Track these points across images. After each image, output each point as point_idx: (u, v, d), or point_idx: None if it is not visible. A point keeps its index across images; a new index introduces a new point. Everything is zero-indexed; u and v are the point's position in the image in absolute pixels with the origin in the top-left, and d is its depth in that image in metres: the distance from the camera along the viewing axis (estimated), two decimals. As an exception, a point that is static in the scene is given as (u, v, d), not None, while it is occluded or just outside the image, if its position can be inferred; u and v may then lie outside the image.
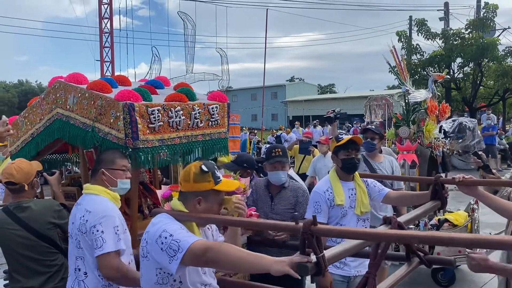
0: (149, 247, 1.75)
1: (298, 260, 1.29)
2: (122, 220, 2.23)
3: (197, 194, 1.86)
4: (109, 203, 2.22)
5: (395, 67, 6.03)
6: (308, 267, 1.24)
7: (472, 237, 1.20)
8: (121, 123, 2.27)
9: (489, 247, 1.16)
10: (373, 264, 1.48)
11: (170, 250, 1.65)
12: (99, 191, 2.24)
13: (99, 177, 2.28)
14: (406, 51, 16.11)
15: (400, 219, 1.63)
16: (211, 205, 1.88)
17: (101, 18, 22.73)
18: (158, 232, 1.72)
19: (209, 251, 1.58)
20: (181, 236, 1.67)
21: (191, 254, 1.61)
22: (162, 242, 1.68)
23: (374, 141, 4.08)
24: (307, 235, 1.28)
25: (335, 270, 2.87)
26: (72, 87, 2.60)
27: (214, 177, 1.86)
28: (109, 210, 2.18)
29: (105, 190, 2.25)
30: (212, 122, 2.75)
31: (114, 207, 2.24)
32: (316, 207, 2.86)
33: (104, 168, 2.26)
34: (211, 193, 1.87)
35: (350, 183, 2.93)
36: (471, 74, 16.13)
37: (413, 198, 2.77)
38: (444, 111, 5.79)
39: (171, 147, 2.47)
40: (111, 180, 2.28)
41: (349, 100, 41.79)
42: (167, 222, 1.79)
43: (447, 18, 20.03)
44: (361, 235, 1.26)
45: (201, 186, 1.85)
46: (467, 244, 1.16)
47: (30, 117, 3.02)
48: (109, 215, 2.14)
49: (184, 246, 1.62)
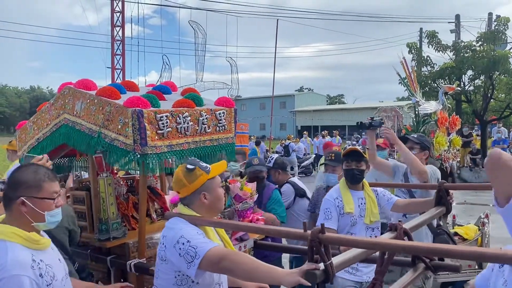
0: (167, 252, 1.82)
1: (307, 267, 1.32)
2: (47, 271, 1.58)
3: (199, 191, 1.94)
4: (18, 253, 1.52)
5: (405, 78, 6.01)
6: (317, 274, 1.26)
7: (475, 250, 1.18)
8: (129, 129, 2.28)
9: (494, 261, 1.14)
10: (380, 271, 1.48)
11: (187, 256, 1.72)
12: (6, 234, 1.55)
13: (15, 209, 1.59)
14: (416, 62, 16.06)
15: (406, 226, 1.64)
16: (214, 192, 1.97)
17: (113, 26, 23.09)
18: (176, 238, 1.79)
19: (224, 260, 1.63)
20: (198, 243, 1.73)
21: (207, 261, 1.68)
22: (180, 248, 1.75)
23: (413, 151, 3.79)
24: (315, 242, 1.29)
25: (348, 276, 2.93)
26: (81, 93, 2.63)
27: (203, 169, 1.95)
28: (15, 266, 1.48)
29: (15, 231, 1.56)
30: (219, 127, 2.76)
31: (26, 258, 1.53)
32: (327, 214, 2.91)
33: (25, 196, 1.59)
34: (208, 183, 1.95)
35: (359, 192, 2.98)
36: (482, 87, 15.99)
37: (421, 205, 2.78)
38: (454, 123, 5.74)
39: (179, 153, 2.48)
40: (35, 214, 1.61)
41: (358, 111, 41.71)
42: (183, 227, 1.84)
43: (458, 30, 19.97)
44: (367, 245, 1.26)
45: (198, 183, 1.93)
46: (469, 256, 1.15)
47: (38, 122, 3.05)
48: (10, 275, 1.46)
49: (201, 253, 1.69)
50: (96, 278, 2.97)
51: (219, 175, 2.05)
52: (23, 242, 1.56)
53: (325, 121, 41.23)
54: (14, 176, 1.64)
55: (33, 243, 1.59)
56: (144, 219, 2.58)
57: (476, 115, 16.53)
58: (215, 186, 1.98)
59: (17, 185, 1.61)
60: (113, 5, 22.84)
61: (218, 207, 2.01)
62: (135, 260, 2.54)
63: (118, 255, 2.75)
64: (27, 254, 1.55)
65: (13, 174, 1.65)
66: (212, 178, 1.97)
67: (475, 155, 15.36)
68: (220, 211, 2.00)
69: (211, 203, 1.96)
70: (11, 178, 1.64)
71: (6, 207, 1.62)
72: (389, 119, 10.00)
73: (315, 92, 59.52)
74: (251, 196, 2.88)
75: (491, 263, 1.35)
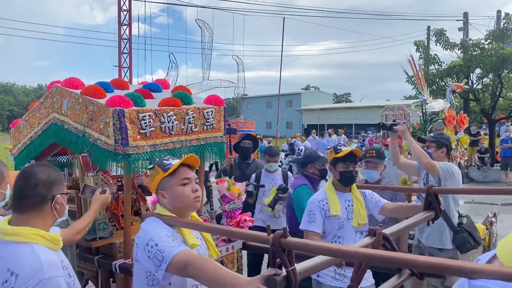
0: (138, 253, 1.79)
1: (267, 274, 1.24)
2: (71, 270, 1.63)
3: (158, 191, 1.89)
4: (48, 255, 1.53)
5: (412, 77, 5.91)
6: (277, 280, 1.17)
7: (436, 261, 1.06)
8: (110, 129, 2.24)
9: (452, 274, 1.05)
10: (355, 278, 1.40)
11: (155, 259, 1.68)
12: (30, 236, 1.53)
13: (48, 208, 1.62)
14: (424, 61, 15.88)
15: (387, 231, 1.55)
16: (171, 191, 1.87)
17: (120, 25, 23.16)
18: (145, 240, 1.75)
19: (189, 267, 1.59)
20: (166, 247, 1.69)
21: (173, 266, 1.64)
22: (149, 251, 1.71)
23: (429, 150, 3.89)
24: (276, 247, 1.21)
25: (335, 283, 2.82)
26: (67, 92, 2.60)
27: (161, 167, 1.88)
28: (50, 268, 1.49)
29: (40, 233, 1.56)
30: (207, 126, 2.71)
31: (56, 260, 1.56)
32: (311, 216, 2.81)
33: (60, 193, 1.66)
34: (164, 182, 1.87)
35: (346, 194, 2.87)
36: (490, 85, 15.77)
37: (410, 209, 2.60)
38: (462, 122, 5.63)
39: (163, 152, 2.43)
40: (62, 209, 1.69)
41: (365, 109, 41.46)
42: (154, 228, 1.79)
43: (466, 28, 19.69)
44: (334, 252, 1.17)
45: (155, 182, 1.88)
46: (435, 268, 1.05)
47: (30, 120, 3.05)
48: (49, 277, 1.47)
49: (167, 257, 1.65)
50: (86, 277, 2.96)
51: (195, 172, 1.95)
52: (47, 243, 1.56)
53: (332, 120, 40.99)
54: (42, 176, 1.62)
55: (55, 244, 1.60)
56: (129, 219, 2.54)
57: (484, 114, 16.29)
58: (172, 184, 1.86)
59: (51, 184, 1.63)
60: (120, 4, 22.89)
61: (178, 206, 1.87)
62: (120, 261, 2.50)
63: (105, 255, 2.73)
64: (54, 255, 1.57)
65: (38, 175, 1.61)
66: (169, 176, 1.86)
67: (483, 154, 15.14)
68: (188, 210, 1.89)
69: (170, 202, 1.87)
70: (40, 178, 1.61)
71: (33, 207, 1.59)
72: (396, 117, 9.87)
73: (321, 91, 59.12)
74: (238, 197, 2.81)
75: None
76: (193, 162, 1.92)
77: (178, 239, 1.78)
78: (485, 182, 13.92)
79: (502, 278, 0.94)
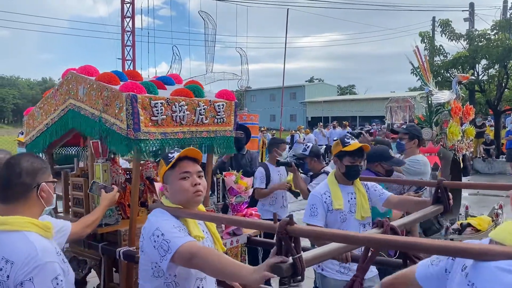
0: (144, 243, 1.81)
1: (273, 261, 1.25)
2: (64, 256, 1.65)
3: (163, 183, 1.93)
4: (42, 242, 1.54)
5: (418, 68, 5.87)
6: (283, 267, 1.18)
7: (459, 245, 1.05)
8: (123, 114, 2.27)
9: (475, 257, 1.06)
10: (361, 268, 1.39)
11: (161, 249, 1.70)
12: (21, 224, 1.54)
13: (33, 196, 1.61)
14: (429, 52, 15.75)
15: (395, 223, 1.53)
16: (173, 185, 1.89)
17: (123, 17, 23.13)
18: (151, 230, 1.77)
19: (194, 257, 1.61)
20: (172, 237, 1.71)
21: (179, 256, 1.66)
22: (155, 241, 1.73)
23: (402, 141, 4.02)
24: (282, 235, 1.21)
25: (340, 276, 2.79)
26: (83, 79, 2.64)
27: (165, 161, 1.91)
28: (45, 253, 1.50)
29: (31, 221, 1.56)
30: (217, 119, 2.73)
31: (50, 246, 1.56)
32: (313, 210, 2.76)
33: (45, 181, 1.65)
34: (167, 175, 1.91)
35: (349, 187, 2.81)
36: (496, 76, 15.64)
37: (416, 203, 2.53)
38: (468, 113, 5.60)
39: (174, 141, 2.45)
40: (49, 198, 1.68)
41: (369, 101, 41.27)
42: (160, 219, 1.81)
43: (472, 19, 19.49)
44: (338, 238, 1.17)
45: (161, 174, 1.94)
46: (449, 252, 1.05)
47: (45, 107, 3.07)
48: (45, 262, 1.48)
49: (173, 248, 1.67)
50: (89, 265, 2.97)
51: (199, 165, 1.95)
52: (39, 231, 1.57)
53: (336, 112, 40.87)
54: (25, 165, 1.62)
55: (47, 231, 1.60)
56: (136, 207, 2.56)
57: (489, 105, 16.20)
58: (172, 178, 1.88)
59: (35, 172, 1.63)
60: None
61: (179, 200, 1.88)
62: (124, 248, 2.52)
63: (110, 242, 2.74)
64: (47, 241, 1.58)
65: (22, 164, 1.62)
66: (171, 169, 1.88)
67: (489, 146, 15.08)
68: (188, 204, 1.88)
69: (172, 196, 1.90)
70: (23, 167, 1.61)
71: (19, 196, 1.59)
72: (400, 109, 9.84)
73: (325, 83, 58.83)
74: (245, 190, 2.81)
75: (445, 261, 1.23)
76: (195, 154, 1.92)
77: (183, 230, 1.80)
78: (491, 174, 13.89)
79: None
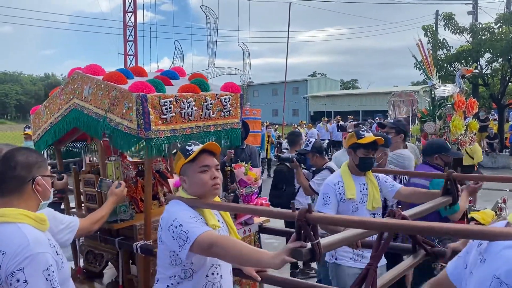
0: (163, 233, 1.86)
1: (293, 246, 1.33)
2: (58, 248, 1.66)
3: (180, 175, 1.98)
4: (34, 233, 1.56)
5: (421, 62, 5.88)
6: (303, 252, 1.26)
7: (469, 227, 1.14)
8: (133, 114, 2.30)
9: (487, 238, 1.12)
10: (375, 256, 1.47)
11: (179, 239, 1.75)
12: (15, 216, 1.56)
13: (28, 190, 1.63)
14: (432, 45, 15.71)
15: (406, 213, 1.61)
16: (192, 178, 1.94)
17: (125, 12, 23.08)
18: (170, 221, 1.83)
19: (214, 246, 1.66)
20: (190, 227, 1.76)
21: (197, 246, 1.71)
22: (173, 231, 1.78)
23: (388, 135, 4.14)
24: (301, 222, 1.29)
25: (353, 263, 2.90)
26: (89, 78, 2.67)
27: (184, 154, 1.95)
28: (37, 244, 1.52)
29: (24, 212, 1.58)
30: (224, 112, 2.77)
31: (43, 237, 1.59)
32: (326, 199, 2.88)
33: (40, 175, 1.66)
34: (185, 168, 1.95)
35: (362, 177, 2.94)
36: (500, 70, 15.60)
37: (426, 195, 2.65)
38: (471, 107, 5.61)
39: (183, 137, 2.49)
40: (45, 192, 1.70)
41: (372, 96, 41.19)
42: (178, 210, 1.87)
43: (475, 12, 19.39)
44: (355, 224, 1.25)
45: (178, 166, 1.98)
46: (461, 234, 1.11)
47: (50, 106, 3.12)
48: (36, 253, 1.49)
49: (192, 237, 1.72)
50: (105, 259, 3.05)
51: (216, 158, 2.00)
52: (32, 222, 1.58)
53: (339, 107, 40.81)
54: (20, 158, 1.64)
55: (41, 223, 1.62)
56: (149, 202, 2.62)
57: (493, 99, 16.16)
58: (191, 171, 1.93)
59: (30, 166, 1.65)
60: (125, -9, 22.79)
61: (197, 192, 1.94)
62: (141, 242, 2.59)
63: (126, 237, 2.82)
64: (40, 232, 1.59)
65: (17, 157, 1.64)
66: (189, 162, 1.92)
67: (492, 140, 15.06)
68: (206, 197, 1.94)
69: (190, 188, 1.95)
70: (18, 161, 1.63)
71: (13, 190, 1.61)
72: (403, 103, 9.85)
73: (328, 77, 58.66)
74: (255, 181, 2.90)
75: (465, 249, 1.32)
76: (214, 148, 1.98)
77: (201, 220, 1.86)
78: (494, 168, 13.89)
79: None
